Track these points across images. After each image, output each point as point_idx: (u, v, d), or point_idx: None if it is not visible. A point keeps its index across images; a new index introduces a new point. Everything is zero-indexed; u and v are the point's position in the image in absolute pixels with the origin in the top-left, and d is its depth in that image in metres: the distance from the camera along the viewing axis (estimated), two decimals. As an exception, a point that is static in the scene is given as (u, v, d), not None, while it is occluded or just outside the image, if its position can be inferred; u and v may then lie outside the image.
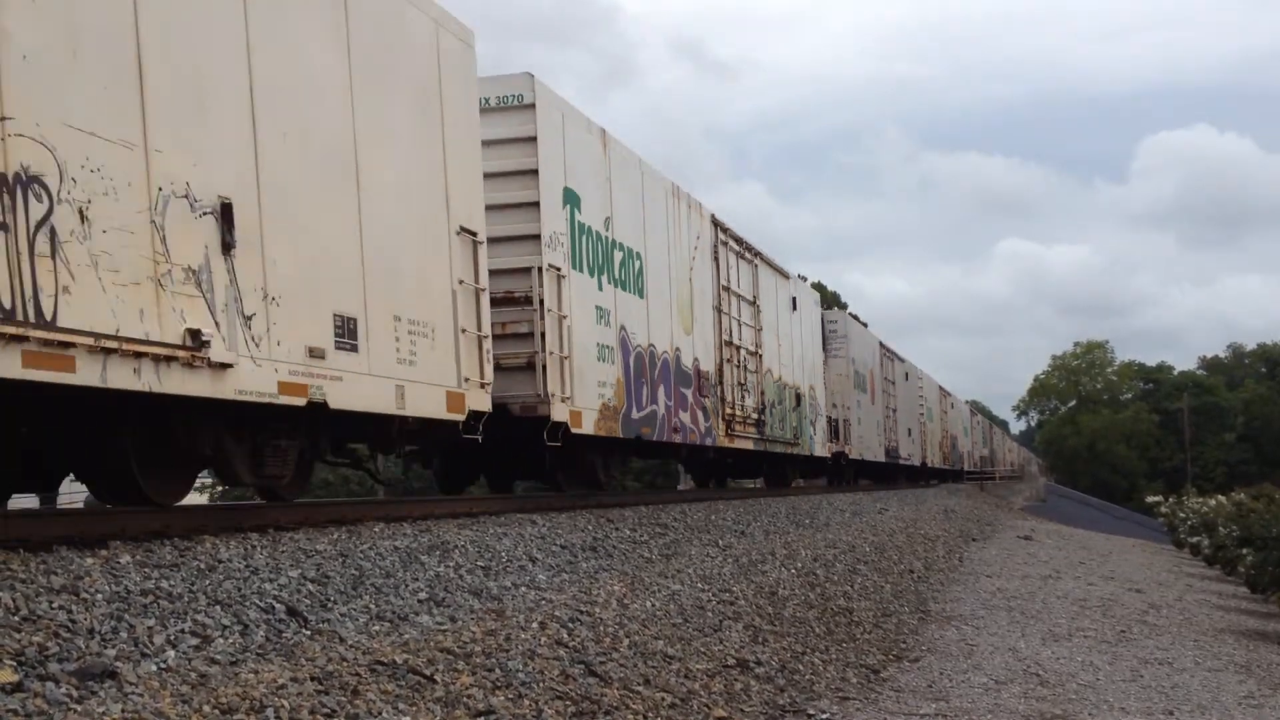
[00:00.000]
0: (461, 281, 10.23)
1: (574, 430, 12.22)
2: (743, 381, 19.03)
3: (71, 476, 8.06)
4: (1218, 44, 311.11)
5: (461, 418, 10.04)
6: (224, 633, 5.34)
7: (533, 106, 12.07)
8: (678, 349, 16.13)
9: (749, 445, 19.49)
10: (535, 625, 6.93)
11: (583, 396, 12.62)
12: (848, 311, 34.20)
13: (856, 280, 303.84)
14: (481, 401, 10.42)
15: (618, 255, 14.11)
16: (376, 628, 6.18)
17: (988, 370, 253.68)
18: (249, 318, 7.41)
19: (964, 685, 8.98)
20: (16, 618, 4.70)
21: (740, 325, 19.18)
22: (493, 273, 11.07)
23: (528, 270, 11.84)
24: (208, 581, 5.85)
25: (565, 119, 12.76)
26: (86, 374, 6.04)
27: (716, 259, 18.08)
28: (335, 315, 8.37)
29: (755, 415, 19.63)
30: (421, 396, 9.39)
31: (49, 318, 5.81)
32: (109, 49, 6.44)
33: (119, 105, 6.49)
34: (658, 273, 15.46)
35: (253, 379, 7.38)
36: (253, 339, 7.45)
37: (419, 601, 6.88)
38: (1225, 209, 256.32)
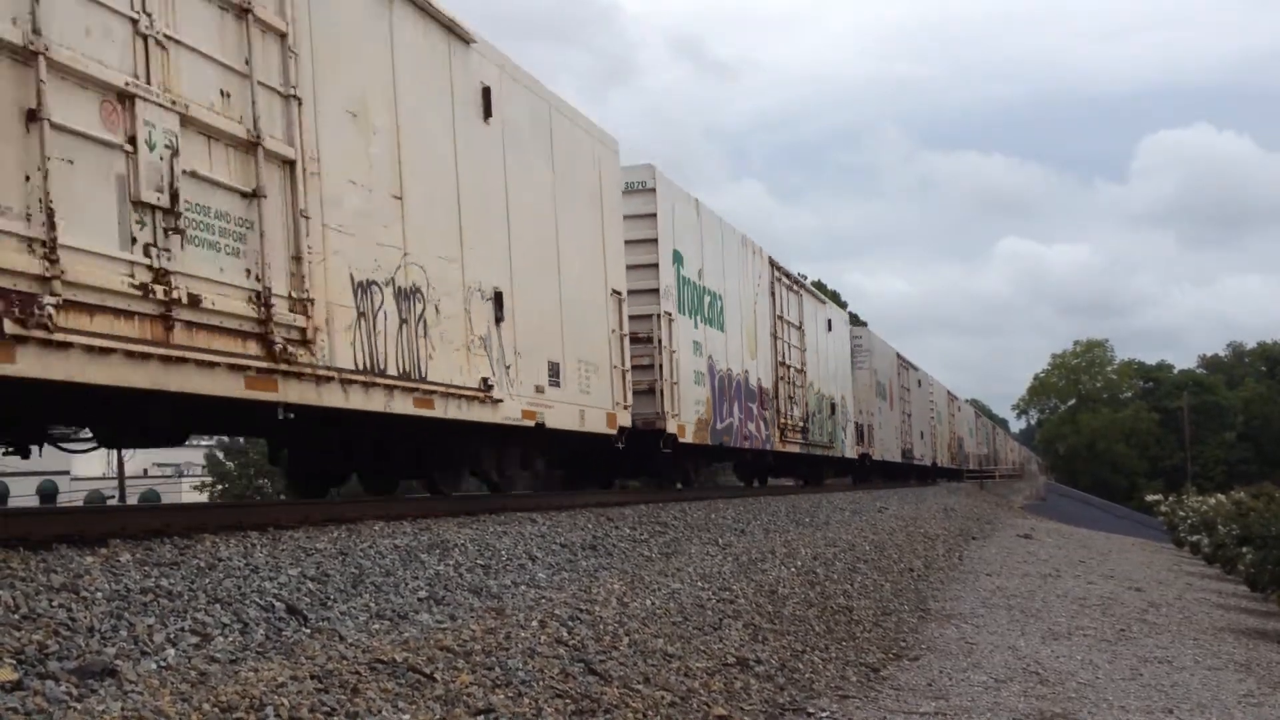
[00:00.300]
0: (613, 330, 13.96)
1: (680, 440, 16.02)
2: (792, 395, 22.75)
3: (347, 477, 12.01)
4: (1217, 44, 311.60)
5: (614, 432, 13.71)
6: (224, 631, 5.33)
7: (654, 190, 15.92)
8: (746, 371, 19.91)
9: (796, 449, 23.13)
10: (535, 624, 6.93)
11: (685, 413, 16.42)
12: (868, 327, 37.25)
13: (856, 280, 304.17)
14: (626, 419, 14.18)
15: (706, 298, 17.97)
16: (376, 626, 6.18)
17: (987, 369, 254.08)
18: (508, 367, 11.14)
19: (964, 684, 8.97)
20: (16, 616, 4.69)
21: (790, 347, 22.92)
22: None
23: (649, 316, 15.65)
24: (207, 580, 5.85)
25: (674, 195, 16.63)
26: (440, 410, 9.78)
27: (773, 293, 21.98)
28: (549, 362, 12.16)
29: (801, 423, 23.32)
30: (594, 417, 13.19)
31: (423, 375, 9.54)
32: (447, 203, 10.22)
33: (451, 237, 10.23)
34: (733, 309, 19.33)
35: (510, 409, 11.14)
36: (510, 381, 11.16)
37: (419, 600, 6.88)
38: (1225, 208, 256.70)
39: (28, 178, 5.90)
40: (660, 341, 15.58)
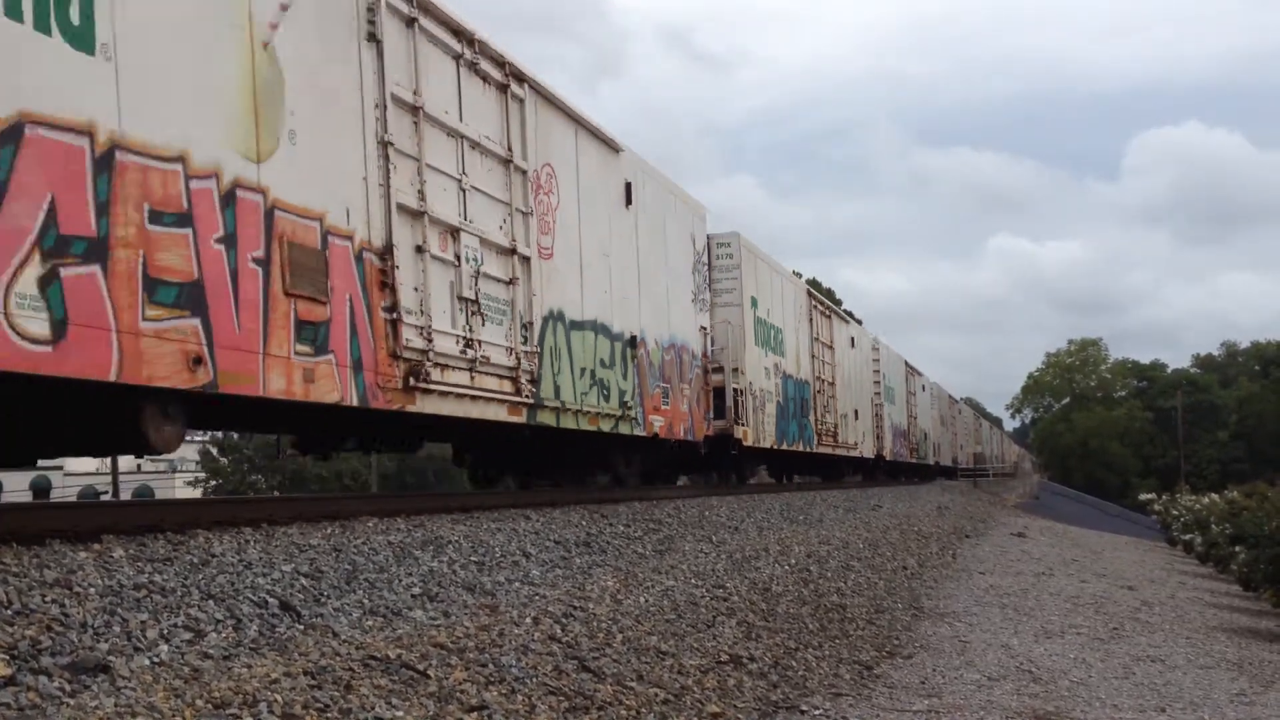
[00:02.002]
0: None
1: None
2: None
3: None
4: (1210, 42, 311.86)
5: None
6: (217, 627, 5.33)
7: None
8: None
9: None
10: (529, 620, 6.93)
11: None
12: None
13: (850, 276, 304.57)
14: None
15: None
16: (370, 622, 6.18)
17: (982, 367, 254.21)
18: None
19: (957, 682, 8.99)
20: (9, 611, 4.69)
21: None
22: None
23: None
24: (201, 576, 5.85)
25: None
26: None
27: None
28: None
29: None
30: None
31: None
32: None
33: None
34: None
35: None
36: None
37: (412, 596, 6.87)
38: (1218, 206, 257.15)
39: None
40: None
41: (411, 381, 8.96)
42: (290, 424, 9.80)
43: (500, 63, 11.02)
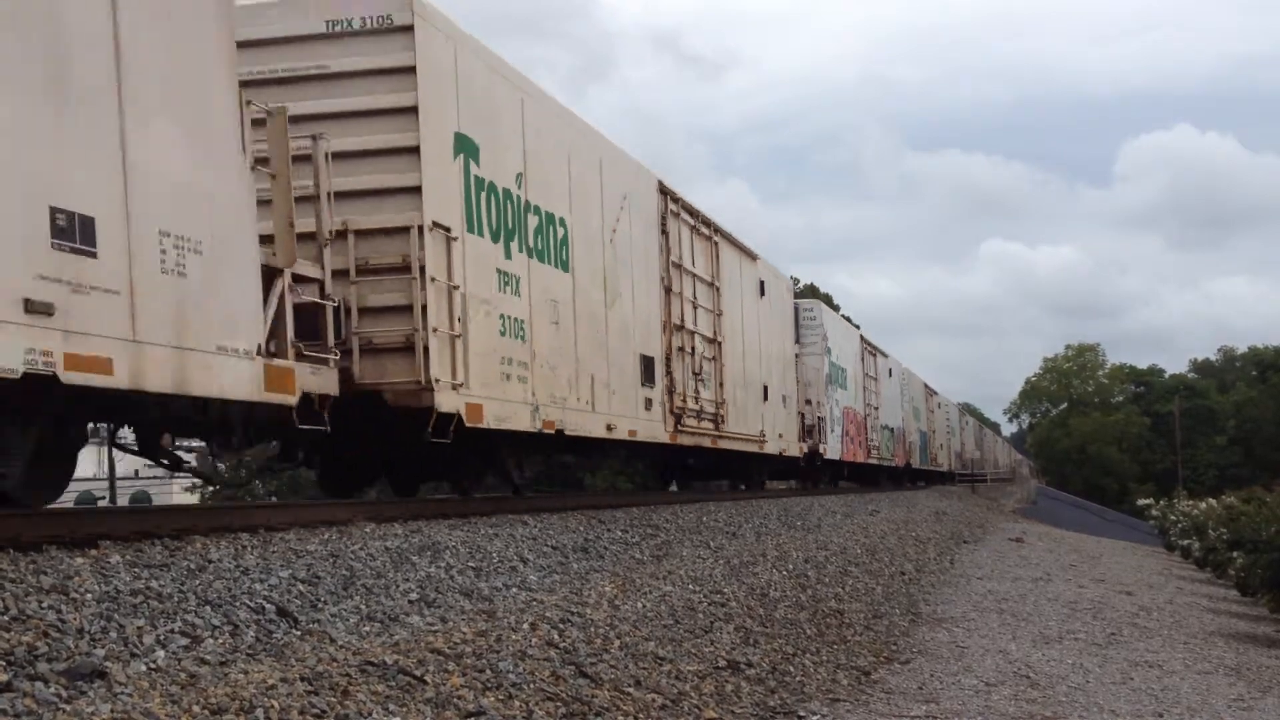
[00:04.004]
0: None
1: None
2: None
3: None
4: (1203, 48, 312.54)
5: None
6: (214, 633, 5.33)
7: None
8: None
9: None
10: (526, 626, 6.93)
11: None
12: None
13: (843, 282, 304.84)
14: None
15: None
16: (367, 628, 6.17)
17: (979, 372, 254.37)
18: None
19: (954, 687, 8.98)
20: (6, 617, 4.68)
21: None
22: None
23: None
24: (198, 581, 5.84)
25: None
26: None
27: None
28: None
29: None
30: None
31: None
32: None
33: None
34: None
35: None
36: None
37: (410, 602, 6.87)
38: (1211, 210, 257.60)
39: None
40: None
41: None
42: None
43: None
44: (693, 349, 17.13)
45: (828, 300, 57.18)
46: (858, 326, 37.99)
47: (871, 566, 14.98)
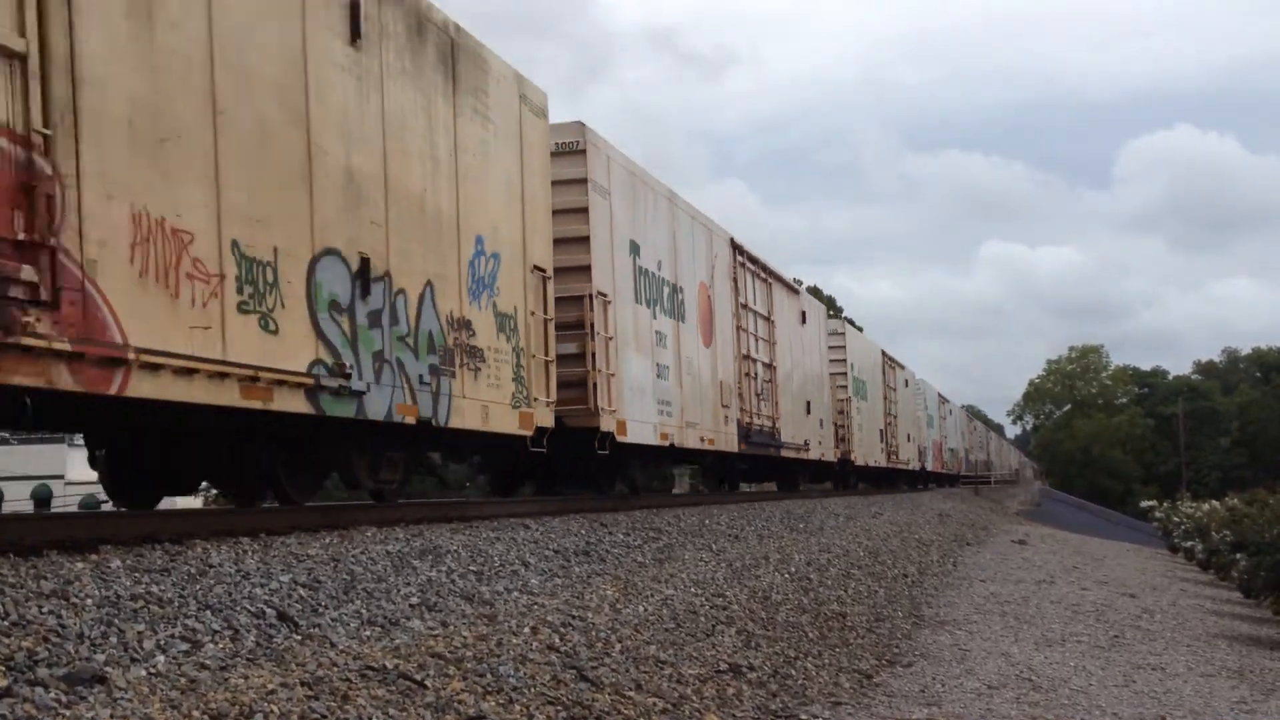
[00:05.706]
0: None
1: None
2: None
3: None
4: (1204, 50, 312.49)
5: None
6: (214, 638, 5.32)
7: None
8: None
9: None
10: (527, 630, 6.93)
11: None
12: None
13: (844, 283, 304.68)
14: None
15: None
16: (367, 632, 6.17)
17: (982, 374, 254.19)
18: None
19: (957, 690, 8.97)
20: (6, 622, 4.68)
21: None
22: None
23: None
24: (198, 586, 5.84)
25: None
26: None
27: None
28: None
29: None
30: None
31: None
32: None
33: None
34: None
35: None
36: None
37: (410, 606, 6.86)
38: (1213, 211, 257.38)
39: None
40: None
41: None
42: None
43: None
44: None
45: (830, 303, 57.40)
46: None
47: (874, 569, 14.97)
